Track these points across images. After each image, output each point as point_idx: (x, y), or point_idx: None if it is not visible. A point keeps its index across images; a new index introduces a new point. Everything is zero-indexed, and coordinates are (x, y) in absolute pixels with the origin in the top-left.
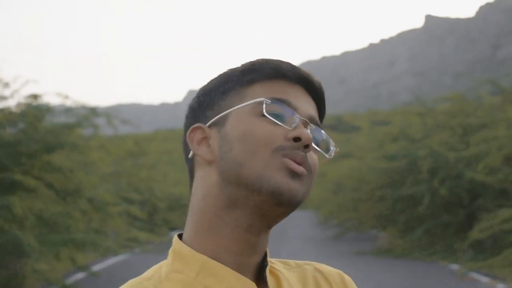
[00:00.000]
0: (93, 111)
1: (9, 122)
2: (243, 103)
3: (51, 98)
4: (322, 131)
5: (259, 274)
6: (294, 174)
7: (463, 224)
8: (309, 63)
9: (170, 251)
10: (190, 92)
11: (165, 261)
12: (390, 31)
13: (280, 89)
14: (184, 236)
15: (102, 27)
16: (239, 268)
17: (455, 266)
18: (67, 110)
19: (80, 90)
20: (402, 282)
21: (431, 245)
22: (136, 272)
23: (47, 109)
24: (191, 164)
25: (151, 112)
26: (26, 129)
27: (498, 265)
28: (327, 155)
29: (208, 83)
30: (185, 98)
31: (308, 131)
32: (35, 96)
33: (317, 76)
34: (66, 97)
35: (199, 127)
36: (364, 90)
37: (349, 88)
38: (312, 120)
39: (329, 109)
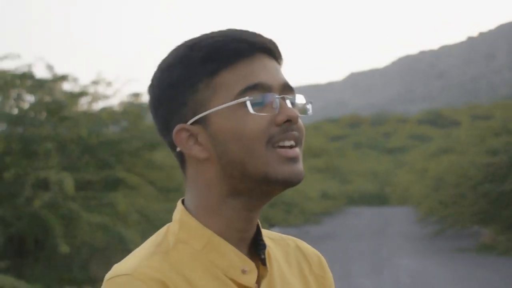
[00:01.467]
0: None
1: (112, 121)
2: (217, 96)
3: None
4: (296, 94)
5: (253, 245)
6: (292, 159)
7: None
8: (407, 57)
9: (177, 220)
10: None
11: (170, 226)
12: (489, 24)
13: (247, 71)
14: (189, 208)
15: (199, 23)
16: (239, 242)
17: None
18: None
19: None
20: (505, 280)
21: None
22: None
23: (148, 108)
24: (179, 156)
25: None
26: (128, 128)
27: None
28: (308, 114)
29: (166, 74)
30: None
31: (290, 106)
32: (136, 95)
33: (415, 71)
34: None
35: (183, 127)
36: (462, 84)
37: (447, 82)
38: (285, 88)
39: (427, 104)
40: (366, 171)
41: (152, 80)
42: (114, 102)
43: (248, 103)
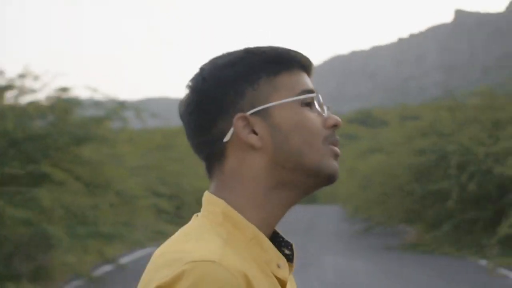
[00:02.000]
0: (122, 105)
1: (38, 115)
2: (278, 93)
3: (80, 91)
4: (328, 106)
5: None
6: (337, 157)
7: (492, 219)
8: (339, 57)
9: (219, 212)
10: None
11: (210, 218)
12: (419, 26)
13: (302, 79)
14: (231, 203)
15: (133, 19)
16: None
17: (483, 262)
18: (96, 103)
19: (109, 83)
20: (431, 278)
21: (459, 240)
22: None
23: (76, 102)
24: (219, 148)
25: None
26: (56, 122)
27: None
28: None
29: (226, 70)
30: None
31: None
32: (64, 89)
33: (346, 71)
34: (95, 90)
35: (243, 116)
36: (393, 85)
37: (378, 83)
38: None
39: (358, 104)
40: None
41: (204, 75)
42: (41, 96)
43: (315, 100)
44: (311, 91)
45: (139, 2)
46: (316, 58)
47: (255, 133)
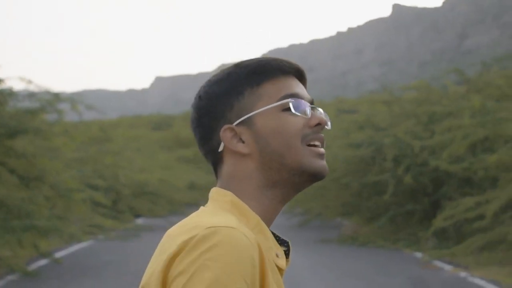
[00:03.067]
0: (57, 97)
1: None
2: (261, 102)
3: (14, 83)
4: (320, 108)
5: None
6: (321, 156)
7: (427, 212)
8: (277, 50)
9: (228, 200)
10: (158, 78)
11: (221, 204)
12: (357, 20)
13: (285, 85)
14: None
15: (68, 10)
16: None
17: (419, 254)
18: (31, 95)
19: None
20: (366, 269)
21: (395, 233)
22: (100, 259)
23: (9, 94)
24: (219, 156)
25: (118, 98)
26: None
27: (461, 253)
28: (328, 128)
29: (215, 87)
30: (152, 85)
31: (320, 114)
32: None
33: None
34: (30, 82)
35: (229, 127)
36: (331, 79)
37: (316, 76)
38: (312, 103)
39: None
40: None
41: (200, 93)
42: None
43: (291, 104)
44: (293, 95)
45: None
46: (255, 52)
47: (242, 141)
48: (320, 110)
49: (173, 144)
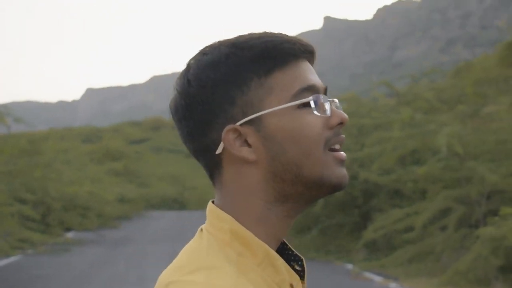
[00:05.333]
0: None
1: None
2: (271, 96)
3: None
4: (335, 99)
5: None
6: (343, 162)
7: (358, 224)
8: None
9: (227, 230)
10: (89, 90)
11: (218, 235)
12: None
13: (299, 73)
14: (237, 218)
15: None
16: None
17: (349, 266)
18: None
19: None
20: None
21: (326, 245)
22: (29, 274)
23: None
24: (215, 159)
25: (47, 110)
26: None
27: (391, 264)
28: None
29: (209, 71)
30: (83, 96)
31: (338, 110)
32: None
33: None
34: None
35: (233, 128)
36: None
37: None
38: (325, 92)
39: None
40: (166, 175)
41: (188, 76)
42: None
43: (312, 102)
44: (310, 88)
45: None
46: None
47: (248, 144)
48: (336, 101)
49: (103, 157)
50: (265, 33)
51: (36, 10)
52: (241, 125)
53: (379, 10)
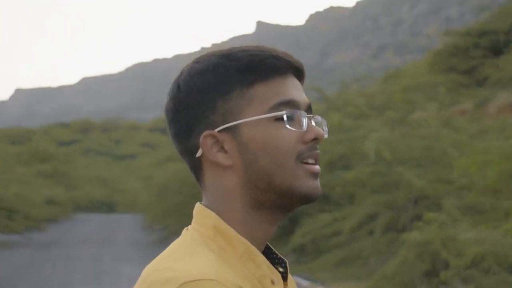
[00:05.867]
0: None
1: None
2: (250, 107)
3: None
4: (317, 116)
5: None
6: (316, 175)
7: (286, 228)
8: (141, 64)
9: (210, 226)
10: (17, 90)
11: (201, 231)
12: (222, 36)
13: (280, 88)
14: (221, 216)
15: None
16: None
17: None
18: None
19: None
20: None
21: None
22: None
23: None
24: (196, 161)
25: None
26: None
27: (318, 268)
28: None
29: (197, 78)
30: (12, 97)
31: (315, 125)
32: None
33: (149, 78)
34: None
35: (211, 134)
36: None
37: None
38: (309, 108)
39: (160, 112)
40: (95, 178)
41: (179, 81)
42: None
43: (285, 116)
44: (289, 102)
45: None
46: (118, 65)
47: (225, 150)
48: (318, 117)
49: (31, 158)
50: (257, 46)
51: None
52: (220, 131)
53: (311, 16)
